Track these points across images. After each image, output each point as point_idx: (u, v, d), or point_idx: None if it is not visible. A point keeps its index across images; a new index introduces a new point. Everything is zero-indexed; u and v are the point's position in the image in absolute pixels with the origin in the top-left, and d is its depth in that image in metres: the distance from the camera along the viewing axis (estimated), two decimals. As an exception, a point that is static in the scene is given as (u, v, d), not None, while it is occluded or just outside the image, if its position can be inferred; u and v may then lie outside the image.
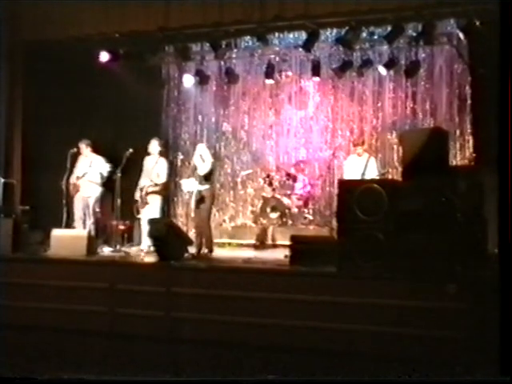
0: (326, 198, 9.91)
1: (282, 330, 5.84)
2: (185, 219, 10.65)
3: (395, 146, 9.77)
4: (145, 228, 8.20)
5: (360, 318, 5.62)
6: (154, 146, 8.62)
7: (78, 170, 8.58)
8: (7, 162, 9.06)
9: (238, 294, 6.11)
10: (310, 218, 9.89)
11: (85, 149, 8.60)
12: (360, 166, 8.30)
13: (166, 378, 4.88)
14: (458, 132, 9.45)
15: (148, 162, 8.67)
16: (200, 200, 7.83)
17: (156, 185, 8.54)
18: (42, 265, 7.09)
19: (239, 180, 10.70)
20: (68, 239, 7.51)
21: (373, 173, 8.28)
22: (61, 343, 5.99)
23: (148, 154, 8.68)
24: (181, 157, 10.79)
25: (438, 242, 5.58)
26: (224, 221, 10.60)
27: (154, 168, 8.56)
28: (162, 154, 8.82)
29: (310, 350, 5.57)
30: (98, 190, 8.57)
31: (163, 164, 8.66)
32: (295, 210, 9.84)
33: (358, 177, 8.08)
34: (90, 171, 8.54)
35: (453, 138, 9.08)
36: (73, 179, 8.53)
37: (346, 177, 8.44)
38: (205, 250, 7.86)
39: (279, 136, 10.63)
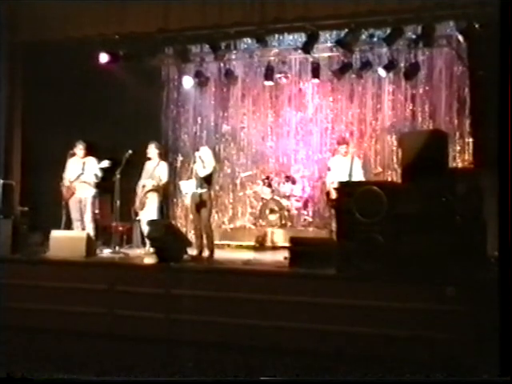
0: (326, 199, 9.90)
1: (282, 332, 5.85)
2: (184, 221, 10.68)
3: (394, 148, 9.80)
4: (145, 230, 8.17)
5: (359, 320, 5.63)
6: (152, 150, 8.61)
7: (71, 172, 8.54)
8: (7, 163, 9.04)
9: (237, 296, 6.11)
10: (310, 219, 9.91)
11: (79, 150, 8.57)
12: (345, 167, 8.18)
13: (165, 378, 4.88)
14: (457, 134, 9.48)
15: (148, 166, 8.66)
16: (200, 203, 7.82)
17: (157, 184, 8.53)
18: (41, 266, 7.09)
19: (238, 182, 10.71)
20: (67, 240, 7.51)
21: (358, 173, 8.18)
22: (60, 344, 5.97)
23: (148, 158, 8.67)
24: (180, 158, 10.80)
25: (437, 245, 5.59)
26: (223, 222, 10.60)
27: (155, 170, 8.54)
28: (161, 156, 8.81)
29: (309, 352, 5.57)
30: (92, 191, 8.53)
31: (164, 166, 8.64)
32: (294, 211, 9.85)
33: (343, 177, 7.96)
34: (83, 173, 8.49)
35: (452, 141, 9.10)
36: (66, 182, 8.50)
37: (331, 177, 8.29)
38: (206, 252, 7.85)
39: (279, 138, 10.65)
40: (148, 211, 8.45)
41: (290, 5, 7.99)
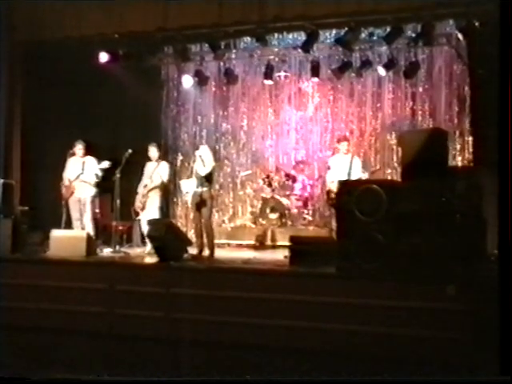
0: (326, 198, 9.90)
1: (282, 331, 5.85)
2: (184, 220, 10.67)
3: (394, 147, 9.79)
4: (145, 230, 8.17)
5: (359, 319, 5.63)
6: (153, 151, 8.61)
7: (70, 172, 8.52)
8: (6, 162, 9.03)
9: (237, 295, 6.12)
10: (310, 218, 9.91)
11: (79, 150, 8.56)
12: (345, 165, 8.18)
13: (165, 378, 4.87)
14: (457, 133, 9.46)
15: (149, 167, 8.65)
16: (200, 202, 7.82)
17: (160, 183, 8.52)
18: (41, 265, 7.09)
19: (239, 181, 10.70)
20: (67, 240, 7.51)
21: (358, 172, 8.14)
22: (60, 344, 5.97)
23: (149, 159, 8.66)
24: (180, 158, 10.80)
25: (437, 243, 5.59)
26: (223, 221, 10.60)
27: (156, 171, 8.54)
28: (162, 157, 8.82)
29: (309, 351, 5.57)
30: (92, 191, 8.50)
31: (165, 166, 8.64)
32: (295, 210, 9.85)
33: (343, 176, 7.96)
34: (83, 172, 8.48)
35: (452, 139, 9.09)
36: (66, 181, 8.48)
37: (331, 176, 8.27)
38: (206, 251, 7.85)
39: (278, 137, 10.65)
40: (149, 211, 8.44)
41: (289, 3, 7.99)
